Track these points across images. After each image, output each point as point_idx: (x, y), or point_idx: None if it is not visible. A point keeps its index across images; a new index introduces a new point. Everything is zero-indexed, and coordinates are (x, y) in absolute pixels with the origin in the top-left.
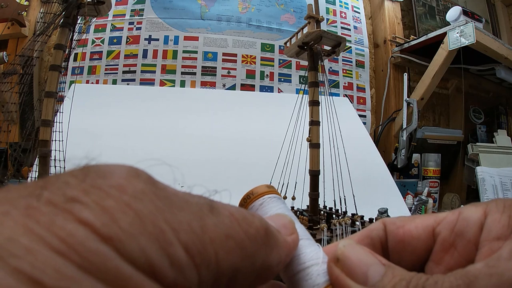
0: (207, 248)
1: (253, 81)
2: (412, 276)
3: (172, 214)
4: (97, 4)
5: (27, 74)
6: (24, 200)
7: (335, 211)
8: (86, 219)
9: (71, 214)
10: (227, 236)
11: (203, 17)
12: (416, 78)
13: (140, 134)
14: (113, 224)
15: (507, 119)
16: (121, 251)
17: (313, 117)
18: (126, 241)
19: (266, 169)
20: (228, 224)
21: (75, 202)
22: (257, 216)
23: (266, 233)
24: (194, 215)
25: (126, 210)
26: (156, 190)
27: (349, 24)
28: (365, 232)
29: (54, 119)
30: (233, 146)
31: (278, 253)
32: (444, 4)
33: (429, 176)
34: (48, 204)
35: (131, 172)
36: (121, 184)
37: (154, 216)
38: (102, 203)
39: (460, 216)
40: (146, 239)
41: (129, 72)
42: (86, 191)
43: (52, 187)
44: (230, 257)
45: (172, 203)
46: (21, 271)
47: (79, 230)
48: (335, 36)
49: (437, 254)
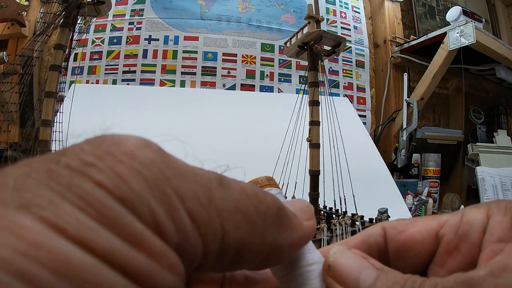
0: (213, 219)
1: (253, 81)
2: (407, 279)
3: (180, 182)
4: (97, 4)
5: (27, 74)
6: (44, 164)
7: (335, 211)
8: (101, 181)
9: (87, 176)
10: (235, 209)
11: (203, 17)
12: (416, 78)
13: (140, 134)
14: (125, 186)
15: (507, 119)
16: (132, 209)
17: (313, 117)
18: (136, 201)
19: (266, 169)
20: (237, 197)
21: (91, 166)
22: (270, 195)
23: (279, 213)
24: (202, 186)
25: (136, 175)
26: (165, 160)
27: (349, 24)
28: (362, 237)
29: (54, 119)
30: (233, 146)
31: (290, 235)
32: (444, 4)
33: (429, 176)
34: (66, 168)
35: (143, 142)
36: (132, 152)
37: (162, 182)
38: (115, 168)
39: (463, 218)
40: (153, 201)
41: (129, 72)
42: (100, 157)
43: (69, 153)
44: (237, 230)
45: (180, 173)
46: (47, 219)
47: (95, 190)
48: (335, 36)
49: (441, 257)
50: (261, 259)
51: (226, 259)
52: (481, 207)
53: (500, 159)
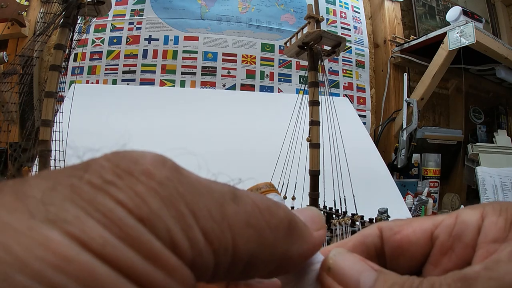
0: (225, 234)
1: (253, 81)
2: (405, 280)
3: (193, 199)
4: (97, 4)
5: (27, 74)
6: (68, 179)
7: (335, 211)
8: (122, 200)
9: (109, 194)
10: (247, 224)
11: (203, 17)
12: (416, 78)
13: (140, 134)
14: (144, 206)
15: (507, 119)
16: (151, 228)
17: (313, 117)
18: (154, 221)
19: (266, 169)
20: (249, 212)
21: (112, 185)
22: (283, 207)
23: (290, 225)
24: (216, 202)
25: (154, 194)
26: (180, 176)
27: (349, 24)
28: (359, 238)
29: (54, 119)
30: (233, 146)
31: (301, 246)
32: (444, 4)
33: (429, 176)
34: (89, 184)
35: (159, 160)
36: (149, 171)
37: (177, 200)
38: (135, 187)
39: (458, 219)
40: (170, 220)
41: (129, 72)
42: (120, 176)
43: (91, 169)
44: (248, 244)
45: (194, 189)
46: (73, 234)
47: (117, 208)
48: (335, 36)
49: (435, 257)
50: (271, 269)
51: (236, 270)
52: (476, 208)
53: (500, 159)
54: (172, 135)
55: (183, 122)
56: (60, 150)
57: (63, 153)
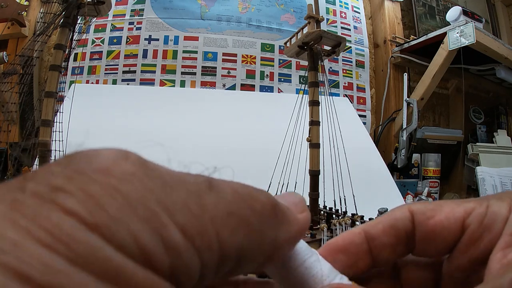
0: (207, 229)
1: (253, 81)
2: None
3: (166, 194)
4: (97, 4)
5: (27, 74)
6: (10, 194)
7: (335, 211)
8: (71, 208)
9: (56, 204)
10: (229, 213)
11: (203, 17)
12: (416, 78)
13: (140, 134)
14: (100, 211)
15: (507, 119)
16: (110, 239)
17: (313, 117)
18: (114, 228)
19: (266, 169)
20: (230, 200)
21: (59, 191)
22: (263, 191)
23: (274, 209)
24: (192, 193)
25: (113, 194)
26: (147, 170)
27: (349, 24)
28: (390, 221)
29: (54, 119)
30: (233, 146)
31: (288, 230)
32: (444, 4)
33: (429, 176)
34: (33, 196)
35: (119, 154)
36: (107, 167)
37: (145, 197)
38: (87, 189)
39: (489, 209)
40: (136, 223)
41: (129, 72)
42: (70, 178)
43: (37, 177)
44: (234, 236)
45: (165, 183)
46: (9, 266)
47: (65, 221)
48: (335, 36)
49: (464, 245)
50: (262, 259)
51: (227, 266)
52: (505, 199)
53: (500, 159)
54: (172, 135)
55: (183, 122)
56: (60, 150)
57: (63, 153)
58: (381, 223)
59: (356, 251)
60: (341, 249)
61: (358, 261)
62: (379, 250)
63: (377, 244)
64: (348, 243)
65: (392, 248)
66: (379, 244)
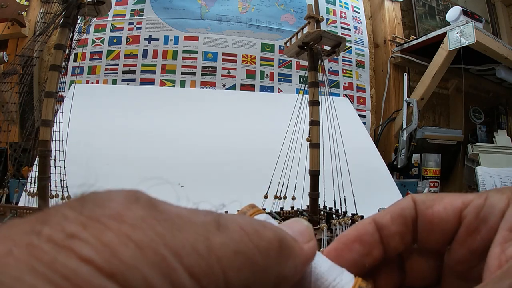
0: (213, 269)
1: (253, 81)
2: None
3: (174, 237)
4: (97, 4)
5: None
6: (25, 237)
7: (335, 211)
8: (87, 256)
9: (72, 251)
10: (235, 253)
11: (203, 17)
12: (416, 78)
13: (140, 134)
14: (114, 258)
15: (507, 119)
16: (125, 285)
17: (313, 117)
18: (128, 274)
19: (266, 169)
20: (236, 239)
21: (75, 238)
22: (269, 226)
23: (280, 244)
24: (199, 235)
25: (126, 241)
26: (156, 214)
27: (349, 24)
28: (397, 210)
29: (54, 119)
30: (233, 146)
31: (293, 263)
32: (444, 4)
33: (429, 176)
34: (49, 241)
35: (130, 198)
36: (119, 213)
37: (155, 243)
38: (102, 237)
39: (487, 201)
40: (147, 269)
41: (129, 72)
42: (84, 225)
43: (51, 222)
44: (240, 274)
45: (174, 225)
46: None
47: (82, 268)
48: (335, 36)
49: (462, 236)
50: None
51: None
52: (504, 192)
53: (500, 159)
54: (172, 135)
55: (183, 122)
56: (60, 150)
57: (63, 153)
58: (389, 213)
59: (369, 240)
60: (356, 239)
61: (372, 250)
62: (389, 239)
63: (386, 233)
64: (362, 233)
65: (401, 236)
66: (388, 233)
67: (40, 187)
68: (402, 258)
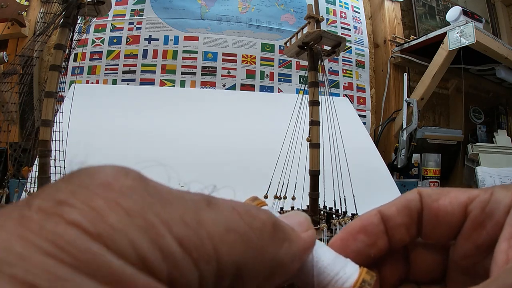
0: (204, 242)
1: (253, 81)
2: None
3: (164, 208)
4: (97, 4)
5: (27, 74)
6: (17, 211)
7: (335, 211)
8: (74, 220)
9: (60, 217)
10: (227, 230)
11: (203, 17)
12: (416, 78)
13: (140, 134)
14: (101, 221)
15: (507, 119)
16: (112, 247)
17: (313, 117)
18: (115, 236)
19: (266, 169)
20: (228, 216)
21: (64, 205)
22: (263, 210)
23: (274, 227)
24: (189, 209)
25: (114, 206)
26: (146, 186)
27: (349, 24)
28: (403, 202)
29: (54, 119)
30: (233, 146)
31: (290, 248)
32: (444, 4)
33: (429, 176)
34: (39, 211)
35: (120, 171)
36: (108, 182)
37: (143, 210)
38: (90, 202)
39: (492, 197)
40: (135, 233)
41: (129, 72)
42: (73, 192)
43: (43, 193)
44: (232, 251)
45: (164, 198)
46: (16, 277)
47: (68, 231)
48: (335, 36)
49: (467, 231)
50: (264, 276)
51: (226, 280)
52: (510, 189)
53: (500, 159)
54: (173, 135)
55: (183, 122)
56: (60, 150)
57: (63, 153)
58: (395, 205)
59: (374, 230)
60: (361, 230)
61: (377, 241)
62: (394, 230)
63: (392, 224)
64: (366, 223)
65: (406, 228)
66: (394, 224)
67: (40, 187)
68: (408, 251)
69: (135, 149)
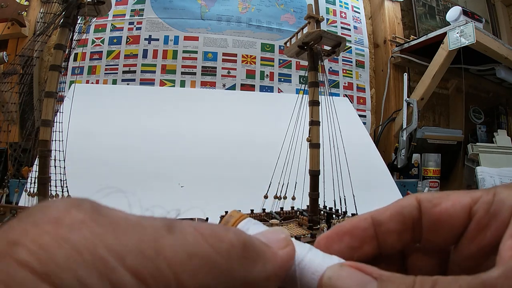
0: (162, 271)
1: (253, 81)
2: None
3: (116, 238)
4: (97, 4)
5: (27, 74)
6: None
7: (335, 211)
8: (23, 260)
9: (11, 257)
10: (189, 255)
11: (203, 17)
12: (416, 78)
13: (140, 134)
14: (49, 260)
15: (507, 119)
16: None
17: (313, 117)
18: (62, 275)
19: (266, 169)
20: (190, 241)
21: (15, 245)
22: (232, 230)
23: (245, 247)
24: (147, 237)
25: (62, 243)
26: (98, 217)
27: (349, 24)
28: (397, 208)
29: (54, 119)
30: (233, 146)
31: (264, 267)
32: (444, 4)
33: (429, 176)
34: None
35: (72, 204)
36: (57, 217)
37: (91, 244)
38: (39, 240)
39: (496, 197)
40: (83, 269)
41: (129, 72)
42: (25, 231)
43: None
44: (196, 277)
45: (118, 228)
46: None
47: (18, 272)
48: (335, 36)
49: (472, 233)
50: None
51: None
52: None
53: (500, 159)
54: (172, 135)
55: (183, 122)
56: (60, 150)
57: (63, 153)
58: (389, 210)
59: (361, 235)
60: (347, 232)
61: (363, 245)
62: (386, 235)
63: (383, 229)
64: (354, 227)
65: (398, 234)
66: (385, 229)
67: (40, 187)
68: (404, 255)
69: (135, 149)
